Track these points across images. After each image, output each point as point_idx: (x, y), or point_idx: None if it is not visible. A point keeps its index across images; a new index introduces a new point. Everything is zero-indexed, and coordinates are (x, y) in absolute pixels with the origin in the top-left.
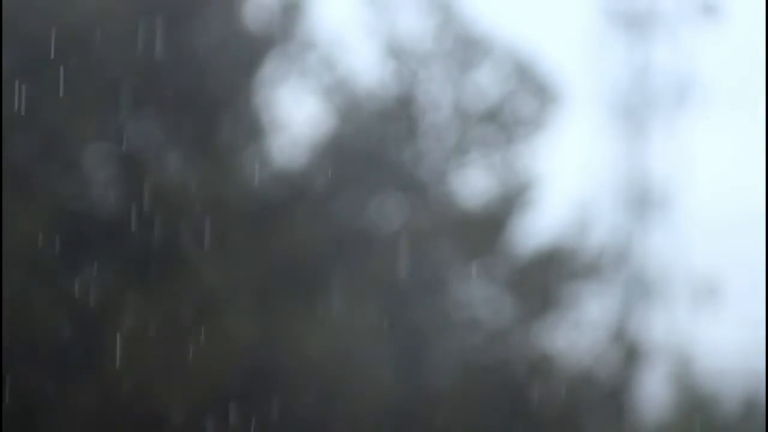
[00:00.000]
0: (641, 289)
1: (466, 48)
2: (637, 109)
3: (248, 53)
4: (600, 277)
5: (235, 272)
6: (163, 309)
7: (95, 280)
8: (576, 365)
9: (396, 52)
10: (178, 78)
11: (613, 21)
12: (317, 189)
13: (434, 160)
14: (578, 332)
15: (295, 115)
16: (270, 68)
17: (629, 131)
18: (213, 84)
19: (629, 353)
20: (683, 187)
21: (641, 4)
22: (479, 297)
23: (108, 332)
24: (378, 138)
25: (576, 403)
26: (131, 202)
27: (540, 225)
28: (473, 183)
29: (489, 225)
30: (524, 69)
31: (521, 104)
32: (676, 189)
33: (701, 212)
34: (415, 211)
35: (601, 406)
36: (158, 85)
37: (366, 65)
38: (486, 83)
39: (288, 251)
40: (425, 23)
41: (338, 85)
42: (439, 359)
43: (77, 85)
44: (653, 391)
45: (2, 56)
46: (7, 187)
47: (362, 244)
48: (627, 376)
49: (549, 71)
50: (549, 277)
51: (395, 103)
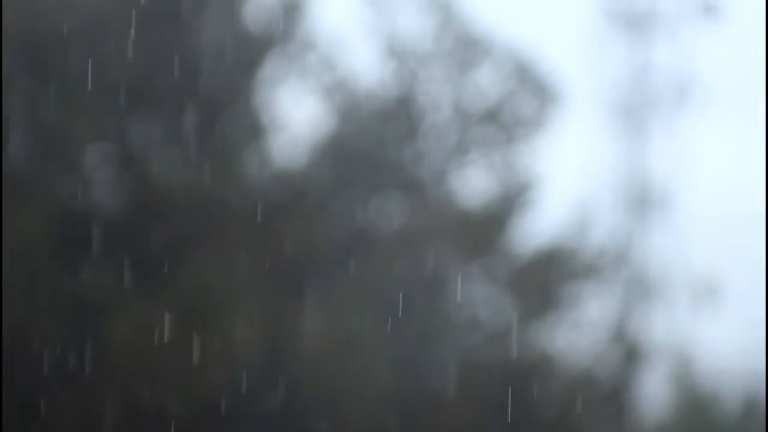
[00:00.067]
0: (641, 289)
1: (466, 48)
2: (637, 109)
3: (248, 53)
4: (600, 277)
5: (235, 272)
6: (163, 309)
7: (95, 280)
8: (576, 365)
9: (396, 52)
10: (178, 78)
11: (613, 21)
12: (317, 189)
13: (434, 160)
14: (578, 332)
15: (295, 115)
16: (270, 68)
17: (629, 131)
18: (213, 84)
19: (629, 353)
20: (683, 187)
21: (641, 4)
22: (479, 297)
23: (108, 332)
24: (378, 138)
25: (576, 403)
26: (131, 202)
27: (540, 225)
28: (473, 183)
29: (489, 225)
30: (524, 69)
31: (521, 104)
32: (676, 189)
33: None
34: (415, 211)
35: (601, 406)
36: (158, 85)
37: (366, 65)
38: (486, 83)
39: (288, 251)
40: (425, 23)
41: (338, 85)
42: (439, 359)
43: (77, 85)
44: (653, 391)
45: (2, 56)
46: (7, 187)
47: (362, 244)
48: (627, 376)
49: (549, 71)
50: (549, 277)
51: (395, 103)
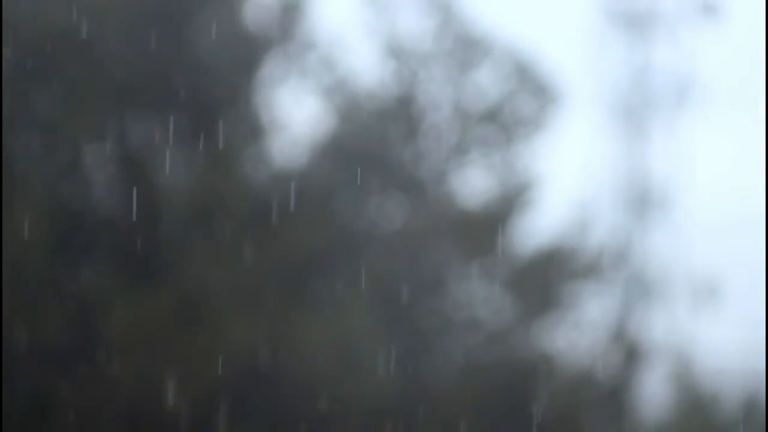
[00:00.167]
0: (641, 289)
1: (466, 48)
2: (637, 109)
3: (248, 53)
4: (600, 277)
5: (235, 272)
6: (163, 309)
7: (95, 280)
8: (576, 365)
9: (396, 52)
10: (178, 78)
11: (613, 21)
12: (317, 189)
13: (434, 160)
14: (578, 332)
15: (295, 115)
16: (270, 68)
17: (629, 131)
18: (213, 84)
19: (629, 353)
20: (683, 187)
21: (641, 4)
22: (479, 297)
23: (108, 332)
24: (378, 138)
25: (576, 403)
26: (131, 202)
27: (540, 225)
28: (473, 183)
29: (489, 225)
30: (524, 69)
31: (521, 104)
32: (676, 189)
33: (701, 212)
34: (415, 211)
35: (601, 406)
36: (158, 85)
37: (366, 65)
38: (486, 83)
39: (288, 251)
40: (425, 23)
41: (338, 85)
42: (439, 359)
43: (77, 85)
44: (653, 391)
45: (2, 56)
46: (7, 187)
47: (362, 244)
48: (627, 376)
49: (549, 71)
50: (549, 277)
51: (395, 103)
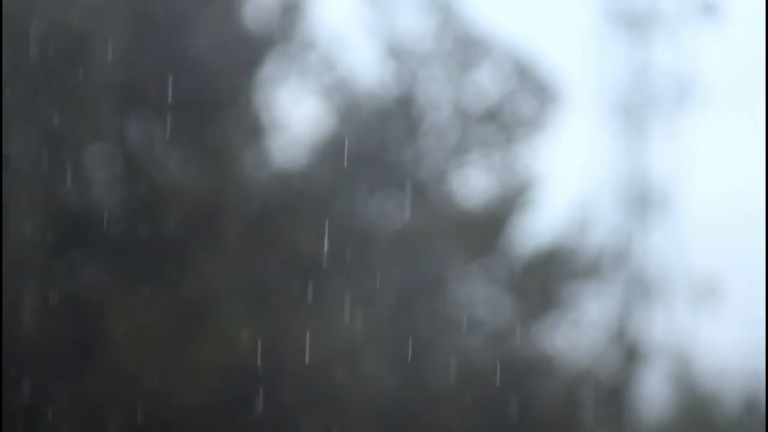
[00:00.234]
0: (641, 289)
1: (466, 48)
2: (637, 109)
3: (248, 53)
4: (600, 277)
5: (235, 272)
6: (163, 309)
7: (95, 280)
8: (576, 365)
9: (396, 52)
10: (178, 78)
11: (613, 21)
12: (317, 189)
13: (434, 160)
14: (578, 332)
15: (295, 115)
16: (270, 68)
17: (629, 131)
18: (213, 84)
19: (629, 353)
20: (683, 187)
21: (641, 4)
22: (479, 297)
23: (108, 332)
24: (378, 138)
25: (576, 403)
26: (131, 203)
27: (540, 225)
28: (473, 183)
29: (489, 225)
30: (524, 69)
31: (521, 104)
32: (676, 189)
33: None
34: (415, 211)
35: (601, 406)
36: (158, 85)
37: (366, 65)
38: (486, 83)
39: (288, 251)
40: (425, 23)
41: (338, 85)
42: (439, 359)
43: (77, 85)
44: (653, 391)
45: (2, 56)
46: (8, 187)
47: (362, 244)
48: (627, 376)
49: (549, 71)
50: (549, 277)
51: (395, 103)
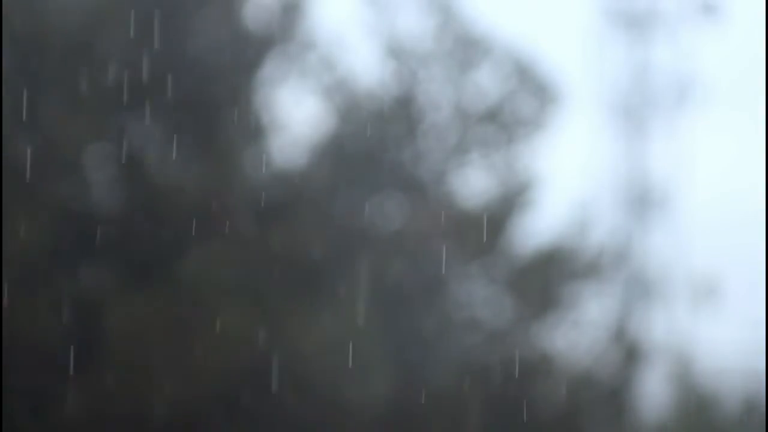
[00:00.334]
0: (641, 289)
1: (466, 48)
2: (637, 109)
3: (248, 53)
4: (600, 277)
5: (235, 272)
6: (163, 309)
7: (95, 280)
8: (576, 365)
9: (396, 52)
10: (178, 78)
11: (613, 21)
12: (317, 189)
13: (434, 160)
14: (578, 332)
15: (295, 115)
16: (270, 68)
17: (629, 131)
18: (213, 84)
19: (629, 353)
20: (683, 187)
21: (641, 4)
22: (479, 297)
23: (108, 333)
24: (378, 138)
25: (576, 403)
26: (131, 203)
27: (540, 225)
28: (473, 183)
29: (489, 225)
30: (524, 69)
31: (521, 104)
32: (676, 189)
33: (701, 212)
34: (415, 211)
35: (601, 406)
36: (158, 86)
37: (366, 65)
38: (486, 83)
39: (288, 251)
40: (425, 23)
41: (338, 85)
42: (439, 359)
43: (77, 85)
44: (653, 391)
45: (2, 56)
46: (7, 188)
47: (362, 244)
48: (627, 376)
49: (549, 71)
50: (549, 277)
51: (395, 103)
